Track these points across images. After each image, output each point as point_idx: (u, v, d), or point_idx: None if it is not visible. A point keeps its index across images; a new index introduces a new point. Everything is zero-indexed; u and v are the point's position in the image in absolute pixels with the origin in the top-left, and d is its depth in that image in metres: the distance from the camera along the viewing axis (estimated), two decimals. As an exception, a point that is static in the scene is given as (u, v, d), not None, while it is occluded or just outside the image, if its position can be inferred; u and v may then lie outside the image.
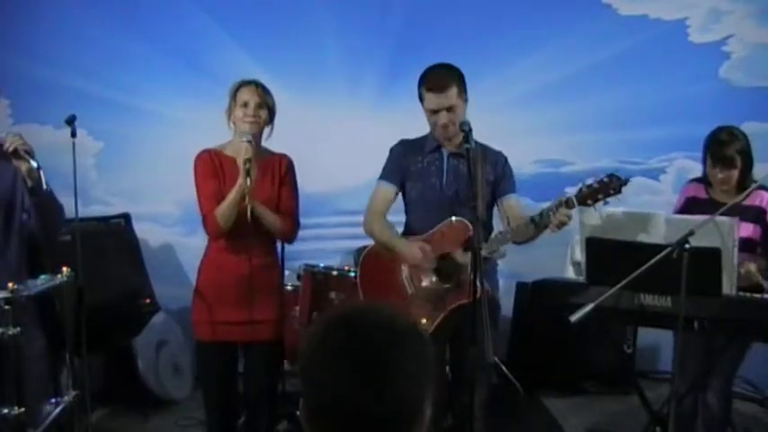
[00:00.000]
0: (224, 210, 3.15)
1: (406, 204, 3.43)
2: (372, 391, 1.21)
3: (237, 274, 3.26)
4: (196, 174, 3.29)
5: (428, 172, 3.33)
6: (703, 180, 3.59)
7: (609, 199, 3.02)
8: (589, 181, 3.04)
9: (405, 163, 3.36)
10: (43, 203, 2.94)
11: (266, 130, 3.31)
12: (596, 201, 3.02)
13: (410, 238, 3.31)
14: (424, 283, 3.26)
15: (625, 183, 3.01)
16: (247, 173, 3.07)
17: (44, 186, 2.85)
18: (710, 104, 4.50)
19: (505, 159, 3.38)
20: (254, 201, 3.15)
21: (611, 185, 3.00)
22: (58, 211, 3.06)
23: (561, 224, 3.04)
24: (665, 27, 5.22)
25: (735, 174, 3.42)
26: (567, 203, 3.02)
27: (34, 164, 2.83)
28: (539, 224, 3.06)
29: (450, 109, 3.21)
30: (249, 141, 3.13)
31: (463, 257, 3.13)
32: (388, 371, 1.22)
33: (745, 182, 3.45)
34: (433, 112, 3.23)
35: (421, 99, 3.29)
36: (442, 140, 3.32)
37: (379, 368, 1.21)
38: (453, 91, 3.22)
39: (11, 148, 2.84)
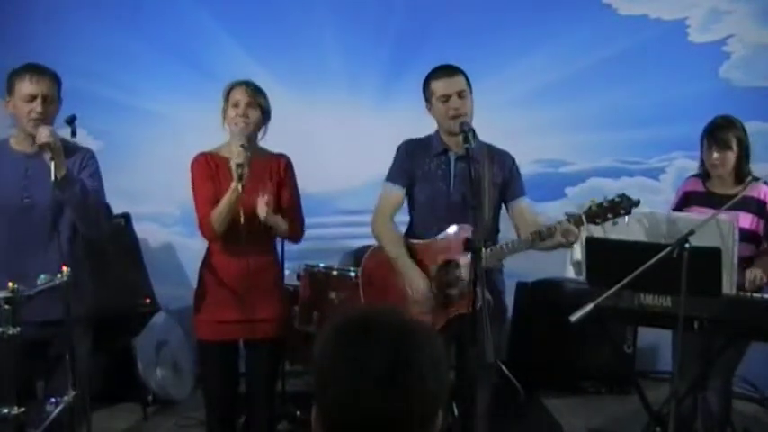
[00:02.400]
0: (218, 214, 3.16)
1: (411, 207, 3.39)
2: (391, 392, 1.20)
3: (236, 273, 3.27)
4: (193, 177, 3.30)
5: (435, 176, 3.29)
6: (701, 176, 3.64)
7: (618, 219, 3.03)
8: (599, 200, 3.04)
9: (411, 164, 3.32)
10: (70, 198, 3.00)
11: (261, 131, 3.31)
12: (605, 220, 3.04)
13: (414, 243, 3.28)
14: (422, 301, 3.19)
15: (636, 204, 3.03)
16: (240, 177, 3.06)
17: (51, 178, 2.89)
18: (710, 104, 4.49)
19: (513, 160, 3.35)
20: (269, 211, 3.16)
21: (621, 206, 3.02)
22: (94, 209, 3.11)
23: (569, 242, 3.05)
24: (665, 27, 5.23)
25: (730, 157, 3.46)
26: (576, 221, 3.02)
27: (49, 155, 2.88)
28: (545, 239, 3.06)
29: (461, 95, 3.19)
30: (243, 146, 3.12)
31: (466, 265, 3.10)
32: (407, 372, 1.22)
33: (741, 171, 3.51)
34: (445, 100, 3.19)
35: (429, 97, 3.26)
36: (450, 141, 3.27)
37: (398, 370, 1.21)
38: (462, 79, 3.23)
39: (39, 142, 2.91)
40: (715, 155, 3.48)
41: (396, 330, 1.25)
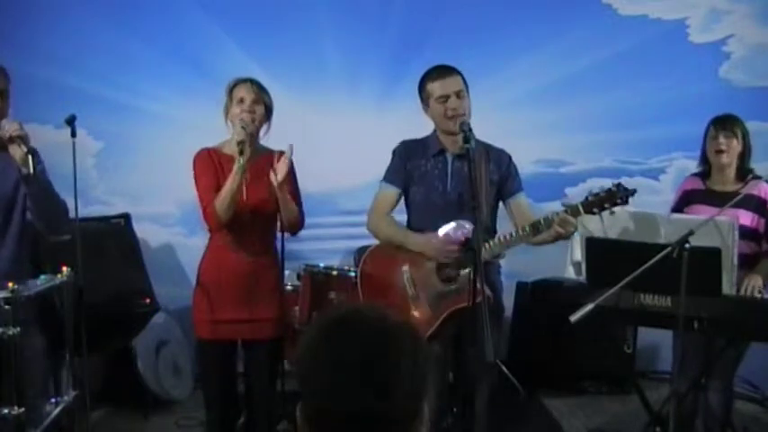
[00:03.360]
0: (222, 198, 3.15)
1: (408, 207, 3.39)
2: (370, 390, 1.21)
3: (237, 272, 3.26)
4: (195, 171, 3.30)
5: (432, 176, 3.29)
6: (701, 174, 3.66)
7: (615, 209, 3.03)
8: (596, 189, 3.05)
9: (408, 165, 3.32)
10: (38, 193, 2.93)
11: (263, 128, 3.32)
12: (603, 210, 3.04)
13: None
14: (425, 285, 3.22)
15: (632, 193, 3.03)
16: (241, 152, 3.08)
17: (31, 171, 2.81)
18: (710, 104, 4.51)
19: (509, 158, 3.34)
20: (282, 189, 3.16)
21: (618, 195, 3.02)
22: (58, 204, 3.05)
23: (567, 233, 3.05)
24: (665, 27, 5.23)
25: (736, 145, 3.51)
26: (573, 211, 3.02)
27: (24, 149, 2.81)
28: (543, 230, 3.05)
29: (459, 95, 3.18)
30: (244, 127, 3.16)
31: (465, 260, 3.11)
32: (385, 370, 1.22)
33: (743, 167, 3.55)
34: (443, 100, 3.18)
35: (425, 99, 3.25)
36: (447, 141, 3.27)
37: (376, 367, 1.22)
38: (459, 78, 3.22)
39: (7, 135, 2.84)
40: (722, 139, 3.50)
41: (376, 326, 1.26)
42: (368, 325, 1.27)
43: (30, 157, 2.81)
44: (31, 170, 2.82)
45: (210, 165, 3.28)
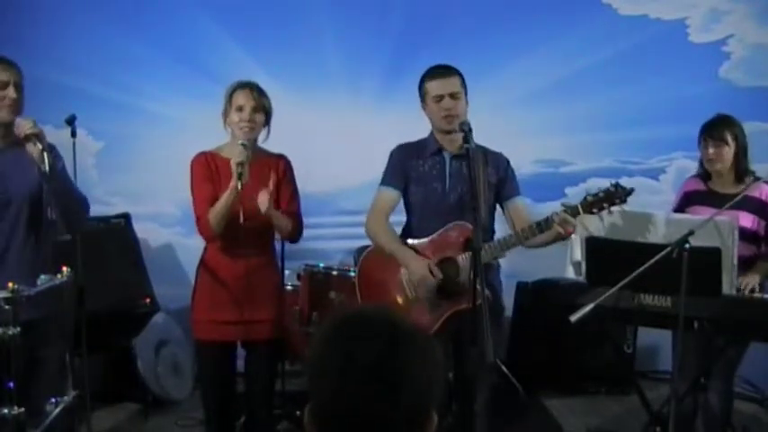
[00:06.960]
0: (216, 213, 3.15)
1: (407, 207, 3.39)
2: (378, 383, 1.20)
3: (234, 273, 3.27)
4: (192, 176, 3.30)
5: (430, 176, 3.29)
6: (701, 175, 3.65)
7: (613, 208, 3.05)
8: (594, 189, 3.06)
9: (405, 167, 3.32)
10: (58, 190, 2.96)
11: (263, 133, 3.31)
12: (601, 209, 3.06)
13: (412, 242, 3.28)
14: (424, 287, 3.22)
15: (630, 192, 3.06)
16: (239, 176, 3.05)
17: (47, 169, 2.84)
18: (710, 104, 4.51)
19: (507, 161, 3.36)
20: (271, 208, 3.15)
21: (616, 195, 3.04)
22: (78, 200, 3.09)
23: (567, 233, 3.06)
24: (665, 27, 5.23)
25: (727, 151, 3.49)
26: (573, 211, 3.03)
27: (39, 147, 2.84)
28: (543, 231, 3.06)
29: (454, 96, 3.20)
30: (244, 145, 3.13)
31: (464, 262, 3.12)
32: (395, 373, 1.21)
33: (741, 169, 3.53)
34: (438, 100, 3.21)
35: (423, 97, 3.27)
36: (443, 141, 3.29)
37: (386, 371, 1.21)
38: (457, 80, 3.24)
39: (23, 134, 2.86)
40: (711, 150, 3.50)
41: (388, 326, 1.26)
42: (380, 323, 1.26)
43: (45, 154, 2.84)
44: (47, 168, 2.84)
45: (207, 170, 3.27)
